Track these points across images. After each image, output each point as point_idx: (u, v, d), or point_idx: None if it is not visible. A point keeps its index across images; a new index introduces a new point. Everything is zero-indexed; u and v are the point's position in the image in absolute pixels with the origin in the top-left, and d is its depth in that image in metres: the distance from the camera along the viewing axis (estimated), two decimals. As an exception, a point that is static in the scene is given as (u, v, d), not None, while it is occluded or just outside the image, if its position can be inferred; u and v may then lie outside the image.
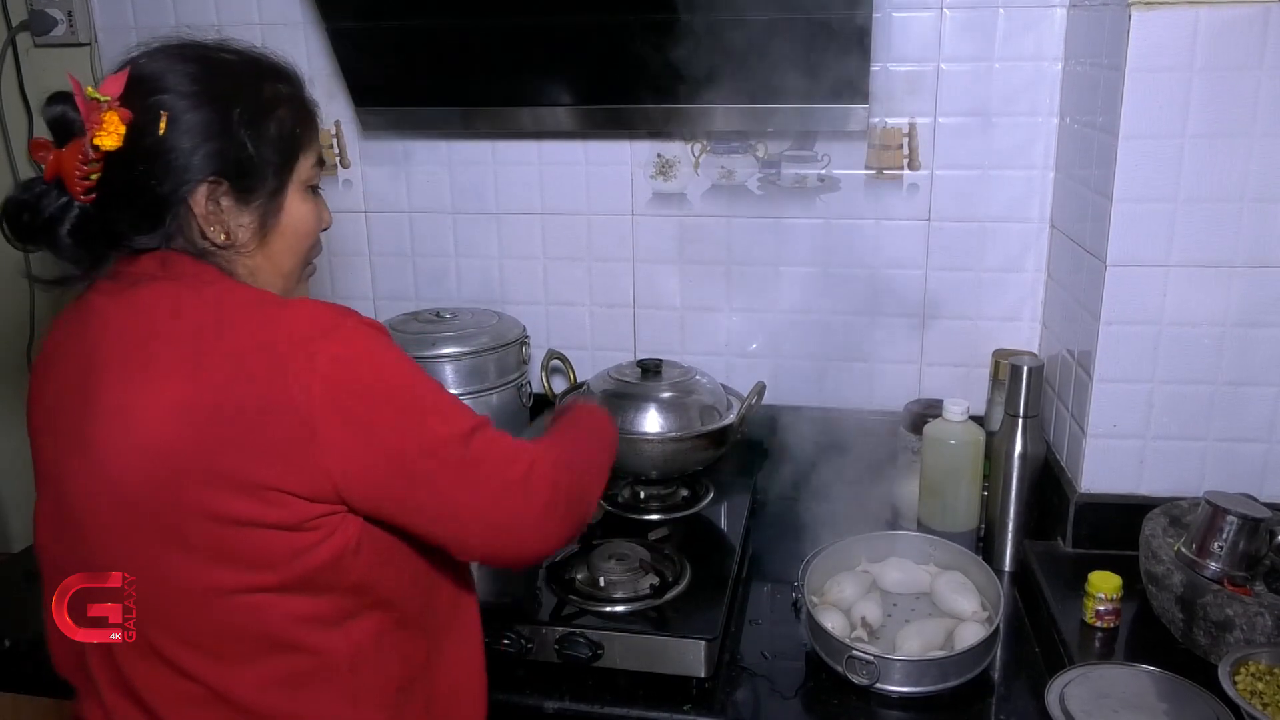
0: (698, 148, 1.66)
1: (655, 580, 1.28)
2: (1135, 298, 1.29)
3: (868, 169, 1.62)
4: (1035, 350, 1.62)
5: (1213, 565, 1.16)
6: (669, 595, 1.25)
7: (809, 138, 1.62)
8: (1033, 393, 1.39)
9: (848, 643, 1.16)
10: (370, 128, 1.73)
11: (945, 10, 1.52)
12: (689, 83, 1.49)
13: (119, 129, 0.82)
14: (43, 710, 1.32)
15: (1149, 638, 1.21)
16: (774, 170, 1.64)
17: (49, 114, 0.85)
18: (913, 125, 1.58)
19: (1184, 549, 1.19)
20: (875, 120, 1.58)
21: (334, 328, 0.82)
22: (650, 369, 1.52)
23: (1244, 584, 1.16)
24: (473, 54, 1.55)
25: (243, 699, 0.86)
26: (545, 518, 0.91)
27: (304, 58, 1.71)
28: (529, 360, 1.73)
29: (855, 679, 1.13)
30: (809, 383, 1.72)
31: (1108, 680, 1.11)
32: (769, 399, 1.56)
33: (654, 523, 1.45)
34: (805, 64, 1.45)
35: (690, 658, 1.15)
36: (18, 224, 0.86)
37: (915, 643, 1.20)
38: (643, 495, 1.54)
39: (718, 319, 1.74)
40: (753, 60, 1.46)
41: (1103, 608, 1.23)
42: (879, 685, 1.13)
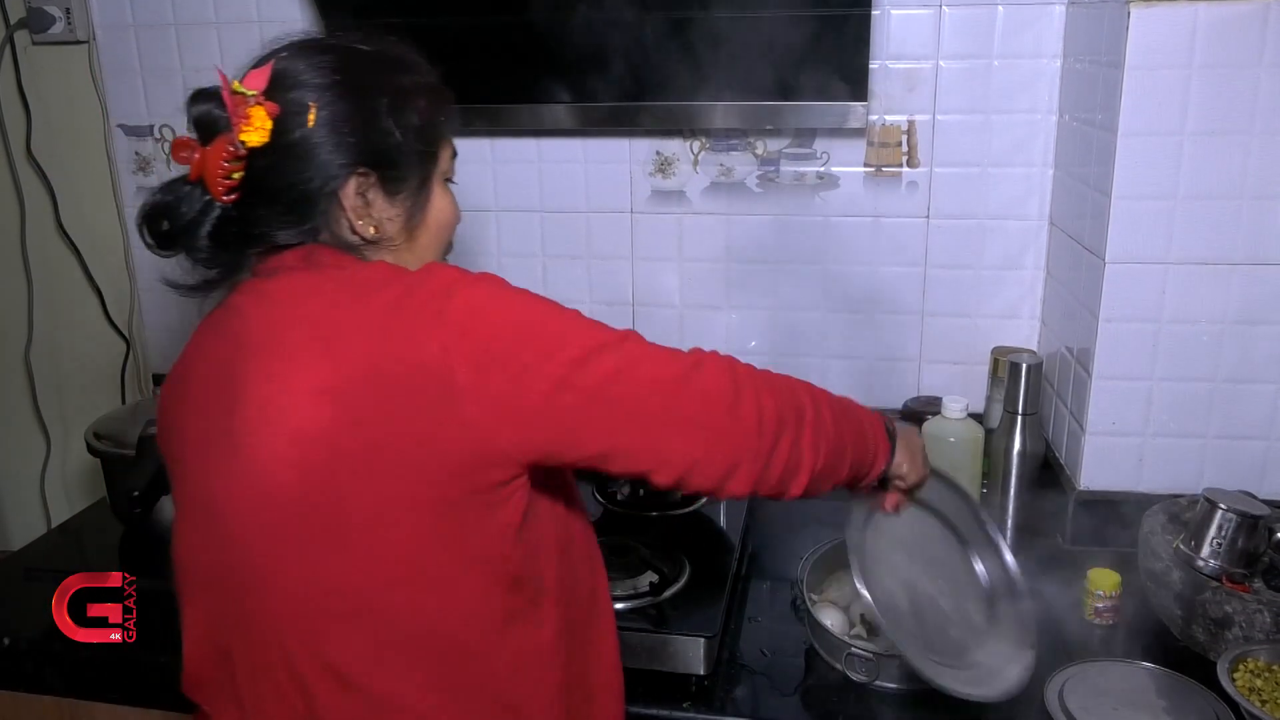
0: (697, 145, 1.66)
1: (654, 577, 1.28)
2: (1134, 295, 1.29)
3: (867, 166, 1.62)
4: (1034, 348, 1.62)
5: (1211, 562, 1.16)
6: (668, 592, 1.25)
7: (808, 135, 1.62)
8: (1032, 390, 1.39)
9: (847, 640, 1.16)
10: (369, 126, 1.73)
11: (944, 7, 1.52)
12: (688, 80, 1.49)
13: (265, 124, 0.80)
14: (43, 710, 1.32)
15: (1148, 635, 1.21)
16: (773, 168, 1.64)
17: (195, 111, 0.83)
18: (912, 123, 1.58)
19: (1183, 546, 1.19)
20: (874, 118, 1.58)
21: (456, 282, 0.80)
22: (649, 367, 1.52)
23: (1243, 581, 1.16)
24: (471, 52, 1.55)
25: (407, 709, 0.82)
26: (734, 410, 0.83)
27: (302, 56, 1.71)
28: (528, 358, 1.73)
29: (854, 676, 1.13)
30: (808, 380, 1.72)
31: (1106, 677, 1.11)
32: (768, 397, 1.56)
33: (653, 519, 1.45)
34: (804, 61, 1.45)
35: (689, 655, 1.16)
36: (157, 229, 0.84)
37: (914, 640, 1.21)
38: (641, 492, 1.55)
39: (717, 317, 1.74)
40: (752, 57, 1.46)
41: (1101, 605, 1.23)
42: (878, 682, 1.13)
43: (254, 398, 0.80)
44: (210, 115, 0.82)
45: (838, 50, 1.44)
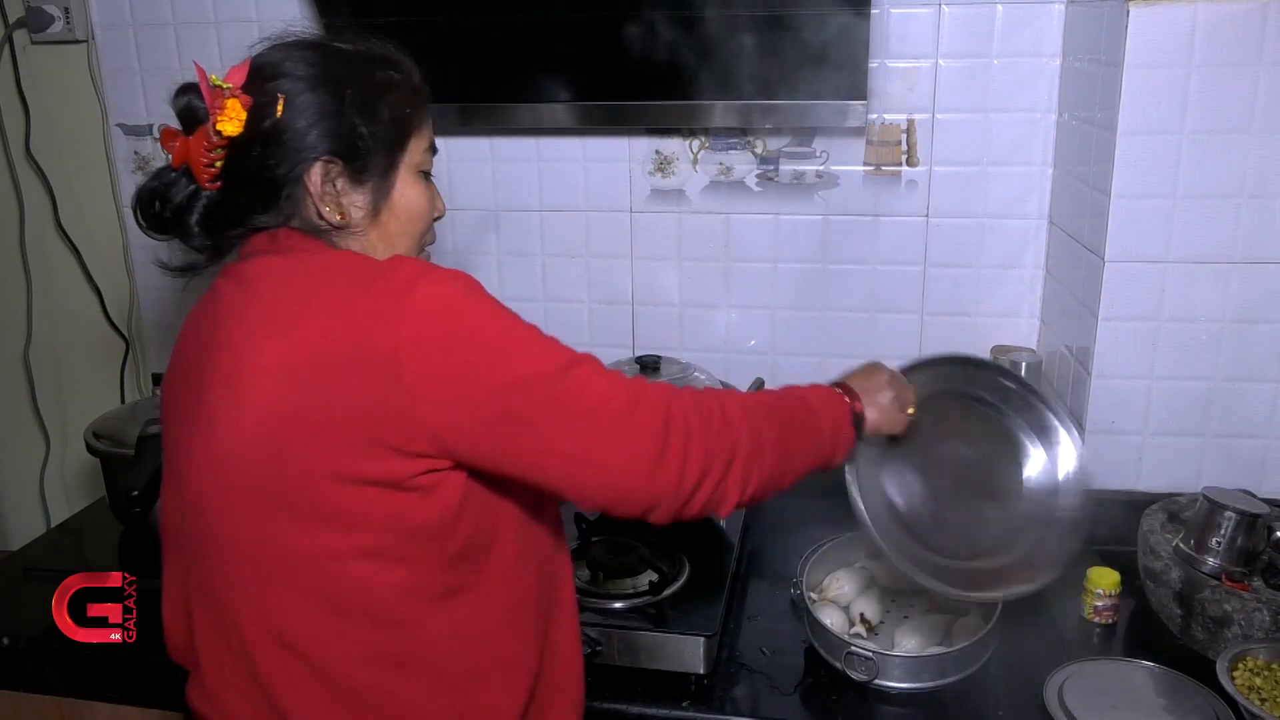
0: (696, 144, 1.66)
1: (654, 576, 1.28)
2: (1133, 294, 1.29)
3: (866, 165, 1.62)
4: (1034, 346, 1.62)
5: (1211, 561, 1.16)
6: (667, 592, 1.25)
7: (807, 134, 1.62)
8: (1031, 389, 1.39)
9: (846, 639, 1.16)
10: (368, 125, 1.73)
11: (943, 6, 1.52)
12: (687, 79, 1.49)
13: (240, 114, 0.86)
14: (43, 710, 1.32)
15: (1147, 633, 1.21)
16: (772, 167, 1.64)
17: (177, 103, 0.89)
18: (911, 121, 1.58)
19: (1182, 544, 1.19)
20: (874, 116, 1.58)
21: (420, 277, 0.83)
22: (649, 365, 1.52)
23: (1242, 579, 1.16)
24: (470, 51, 1.55)
25: (344, 676, 0.86)
26: (660, 457, 0.86)
27: (301, 55, 1.71)
28: (528, 357, 1.73)
29: (854, 675, 1.13)
30: (808, 379, 1.71)
31: (1106, 676, 1.11)
32: (768, 396, 1.56)
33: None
34: (804, 60, 1.46)
35: (689, 654, 1.16)
36: (150, 212, 0.91)
37: (914, 639, 1.21)
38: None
39: (716, 315, 1.74)
40: (751, 57, 1.46)
41: (1101, 603, 1.23)
42: (878, 681, 1.13)
43: (220, 372, 0.85)
44: (191, 106, 0.88)
45: (837, 49, 1.44)
